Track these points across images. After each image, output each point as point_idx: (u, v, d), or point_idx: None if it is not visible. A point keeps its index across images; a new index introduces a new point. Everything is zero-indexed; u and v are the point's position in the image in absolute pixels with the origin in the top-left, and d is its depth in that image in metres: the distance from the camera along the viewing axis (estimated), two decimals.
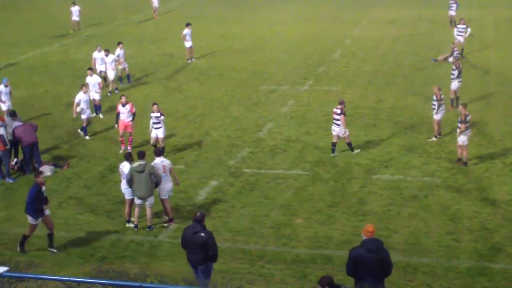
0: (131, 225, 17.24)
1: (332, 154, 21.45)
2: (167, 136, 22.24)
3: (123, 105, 22.43)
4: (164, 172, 17.08)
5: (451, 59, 32.87)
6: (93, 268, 15.09)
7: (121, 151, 22.30)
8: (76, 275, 14.42)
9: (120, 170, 17.50)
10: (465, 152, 20.52)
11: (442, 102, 22.75)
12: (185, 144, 22.96)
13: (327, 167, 20.73)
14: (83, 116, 23.78)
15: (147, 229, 16.96)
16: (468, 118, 20.45)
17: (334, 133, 21.35)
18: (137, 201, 16.97)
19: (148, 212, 16.95)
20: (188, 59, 35.03)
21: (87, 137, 23.80)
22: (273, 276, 14.54)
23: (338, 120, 21.04)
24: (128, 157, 17.35)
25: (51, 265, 15.22)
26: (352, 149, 21.62)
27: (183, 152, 22.28)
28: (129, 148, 22.59)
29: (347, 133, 21.37)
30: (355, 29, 43.60)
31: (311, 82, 30.70)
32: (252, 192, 19.08)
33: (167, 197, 17.29)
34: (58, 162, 21.65)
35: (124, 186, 17.24)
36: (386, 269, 11.78)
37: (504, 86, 29.40)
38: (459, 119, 20.52)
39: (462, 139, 20.41)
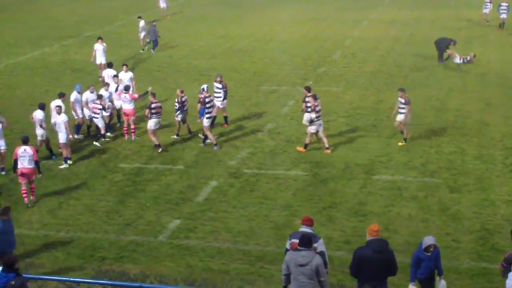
0: None
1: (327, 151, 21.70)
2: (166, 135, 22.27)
3: (125, 92, 23.51)
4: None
5: (457, 60, 32.81)
6: (93, 268, 15.10)
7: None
8: (76, 276, 14.47)
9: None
10: (308, 138, 21.66)
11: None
12: (185, 144, 22.95)
13: (327, 167, 20.72)
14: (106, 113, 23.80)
15: None
16: (317, 108, 21.40)
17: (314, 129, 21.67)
18: None
19: None
20: (142, 50, 37.84)
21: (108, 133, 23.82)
22: (273, 276, 14.52)
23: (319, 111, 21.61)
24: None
25: (51, 266, 15.23)
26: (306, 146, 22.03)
27: (183, 152, 22.27)
28: (133, 137, 22.97)
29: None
30: (355, 29, 43.63)
31: (311, 82, 30.68)
32: (252, 193, 19.07)
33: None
34: None
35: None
36: (390, 270, 11.72)
37: (504, 87, 29.40)
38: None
39: (311, 128, 21.46)
